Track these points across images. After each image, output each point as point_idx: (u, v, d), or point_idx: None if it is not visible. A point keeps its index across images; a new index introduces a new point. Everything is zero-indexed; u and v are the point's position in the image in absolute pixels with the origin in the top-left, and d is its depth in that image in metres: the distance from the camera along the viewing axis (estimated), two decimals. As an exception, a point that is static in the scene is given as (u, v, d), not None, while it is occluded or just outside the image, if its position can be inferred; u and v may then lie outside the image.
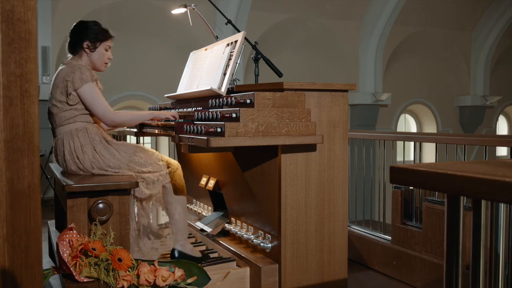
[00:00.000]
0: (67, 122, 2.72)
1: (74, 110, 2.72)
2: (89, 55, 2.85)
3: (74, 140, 2.69)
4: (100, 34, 2.86)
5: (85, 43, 2.83)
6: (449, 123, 12.22)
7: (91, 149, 2.69)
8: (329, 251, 2.67)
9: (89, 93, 2.69)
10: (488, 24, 11.66)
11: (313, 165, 2.59)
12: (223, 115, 2.38)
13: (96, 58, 2.87)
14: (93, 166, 2.69)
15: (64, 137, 2.72)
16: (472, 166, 0.92)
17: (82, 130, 2.72)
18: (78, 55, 2.87)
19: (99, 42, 2.86)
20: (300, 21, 9.65)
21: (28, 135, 1.21)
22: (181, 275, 2.40)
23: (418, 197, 3.43)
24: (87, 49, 2.84)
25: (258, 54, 3.05)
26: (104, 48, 2.89)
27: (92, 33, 2.84)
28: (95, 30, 2.85)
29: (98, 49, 2.86)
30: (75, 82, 2.67)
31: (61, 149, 2.73)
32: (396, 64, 11.15)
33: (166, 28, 8.49)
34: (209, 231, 3.17)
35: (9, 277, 1.20)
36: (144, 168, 2.76)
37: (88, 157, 2.68)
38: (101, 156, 2.70)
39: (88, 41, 2.83)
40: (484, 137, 3.39)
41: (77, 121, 2.73)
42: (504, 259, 0.94)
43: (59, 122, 2.74)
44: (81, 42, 2.84)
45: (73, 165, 2.70)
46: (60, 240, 2.34)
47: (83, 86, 2.68)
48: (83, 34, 2.84)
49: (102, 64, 2.91)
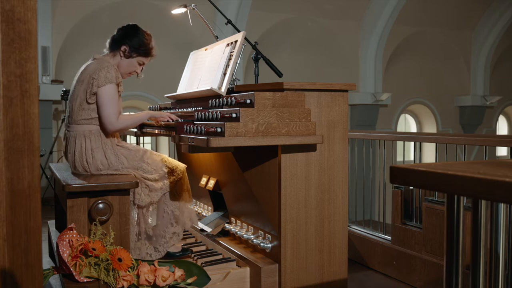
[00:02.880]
0: (83, 122, 2.70)
1: (91, 111, 2.69)
2: (122, 59, 2.82)
3: (86, 142, 2.68)
4: (143, 47, 2.83)
5: (124, 47, 2.80)
6: (449, 123, 12.22)
7: (101, 154, 2.69)
8: (329, 251, 2.67)
9: (106, 94, 2.65)
10: (488, 24, 11.66)
11: (313, 165, 2.59)
12: (223, 115, 2.38)
13: (125, 65, 2.84)
14: (100, 169, 2.69)
15: (77, 135, 2.70)
16: (472, 166, 0.92)
17: (95, 133, 2.70)
18: (112, 54, 2.84)
19: (136, 53, 2.82)
20: (300, 21, 9.65)
21: (28, 135, 1.21)
22: (181, 275, 2.40)
23: (418, 197, 3.43)
24: (122, 53, 2.81)
25: (258, 54, 3.05)
26: (138, 62, 2.86)
27: (136, 42, 2.81)
28: (140, 41, 2.82)
29: (131, 59, 2.83)
30: (100, 80, 2.64)
31: (72, 147, 2.72)
32: (396, 64, 11.15)
33: (166, 28, 8.49)
34: (209, 231, 3.17)
35: (9, 277, 1.20)
36: (150, 175, 2.76)
37: (96, 162, 2.68)
38: (109, 161, 2.70)
39: (128, 46, 2.80)
40: (484, 137, 3.39)
41: (93, 123, 2.70)
42: (504, 259, 0.94)
43: (75, 119, 2.71)
44: (121, 44, 2.81)
45: (80, 167, 2.71)
46: (60, 240, 2.34)
47: (106, 86, 2.65)
48: (128, 37, 2.81)
49: (126, 73, 2.88)
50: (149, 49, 2.86)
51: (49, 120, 7.48)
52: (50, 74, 7.40)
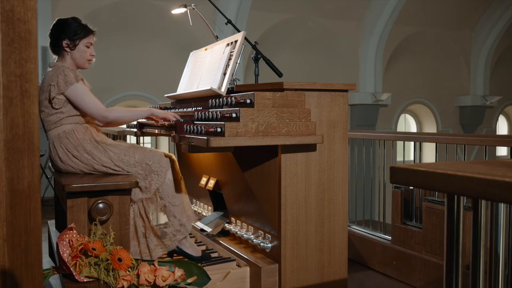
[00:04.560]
0: (54, 126, 2.70)
1: (59, 113, 2.68)
2: (70, 53, 2.76)
3: (64, 142, 2.67)
4: (79, 30, 2.75)
5: (64, 42, 2.74)
6: (449, 123, 12.22)
7: (82, 150, 2.68)
8: (329, 251, 2.67)
9: (76, 94, 2.63)
10: (488, 24, 11.66)
11: (313, 165, 2.59)
12: (223, 115, 2.38)
13: (78, 56, 2.77)
14: (87, 165, 2.68)
15: (54, 141, 2.70)
16: (472, 166, 0.92)
17: (69, 132, 2.69)
18: (61, 56, 2.79)
19: (78, 39, 2.75)
20: (300, 21, 9.65)
21: (28, 135, 1.21)
22: (181, 275, 2.40)
23: (418, 197, 3.43)
24: (67, 48, 2.75)
25: (258, 54, 3.05)
26: (85, 45, 2.78)
27: (70, 31, 2.73)
28: (74, 27, 2.74)
29: (78, 47, 2.76)
30: (60, 86, 2.62)
31: (54, 153, 2.72)
32: (396, 64, 11.15)
33: (166, 28, 8.49)
34: (209, 231, 3.17)
35: (9, 277, 1.20)
36: (133, 168, 2.70)
37: (83, 155, 2.67)
38: (92, 155, 2.67)
39: (67, 39, 2.73)
40: (484, 137, 3.39)
41: (64, 123, 2.69)
42: (504, 259, 0.94)
43: (47, 127, 2.72)
44: (60, 41, 2.74)
45: (72, 164, 2.69)
46: (60, 240, 2.34)
47: (69, 89, 2.62)
48: (61, 33, 2.74)
49: (85, 62, 2.81)
50: (85, 27, 2.79)
51: (49, 120, 7.48)
52: (50, 74, 7.39)
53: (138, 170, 2.71)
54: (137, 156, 2.73)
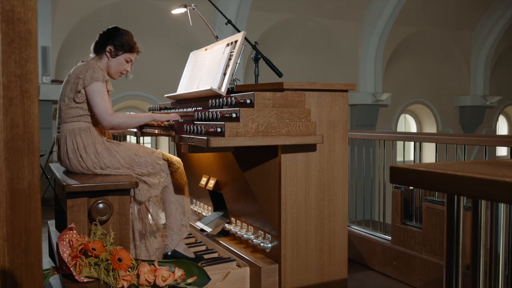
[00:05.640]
0: (71, 120, 2.73)
1: (79, 109, 2.73)
2: (109, 59, 2.87)
3: (77, 139, 2.70)
4: (126, 45, 2.88)
5: (109, 47, 2.85)
6: (449, 123, 12.22)
7: (93, 150, 2.70)
8: (329, 251, 2.67)
9: (94, 91, 2.69)
10: (488, 24, 11.66)
11: (313, 165, 2.59)
12: (223, 115, 2.38)
13: (114, 65, 2.88)
14: (95, 166, 2.69)
15: (67, 134, 2.73)
16: (472, 166, 0.92)
17: (85, 130, 2.72)
18: (99, 56, 2.88)
19: (122, 51, 2.87)
20: (300, 21, 9.65)
21: (28, 135, 1.21)
22: (181, 275, 2.40)
23: (418, 197, 3.43)
24: (108, 53, 2.85)
25: (258, 54, 3.05)
26: (125, 59, 2.90)
27: (119, 40, 2.86)
28: (124, 39, 2.87)
29: (118, 57, 2.87)
30: (86, 80, 2.69)
31: (63, 146, 2.74)
32: (396, 64, 11.15)
33: (166, 28, 8.49)
34: (209, 231, 3.17)
35: (9, 277, 1.20)
36: (144, 168, 2.76)
37: (90, 157, 2.69)
38: (102, 157, 2.70)
39: (112, 46, 2.85)
40: (484, 137, 3.39)
41: (82, 120, 2.74)
42: (504, 259, 0.94)
43: (64, 119, 2.75)
44: (105, 45, 2.86)
45: (77, 164, 2.71)
46: (60, 240, 2.34)
47: (92, 84, 2.69)
48: (111, 39, 2.86)
49: (116, 73, 2.92)
50: (133, 45, 2.91)
51: (49, 120, 7.48)
52: (50, 74, 7.40)
53: (149, 169, 2.78)
54: (147, 156, 2.80)
